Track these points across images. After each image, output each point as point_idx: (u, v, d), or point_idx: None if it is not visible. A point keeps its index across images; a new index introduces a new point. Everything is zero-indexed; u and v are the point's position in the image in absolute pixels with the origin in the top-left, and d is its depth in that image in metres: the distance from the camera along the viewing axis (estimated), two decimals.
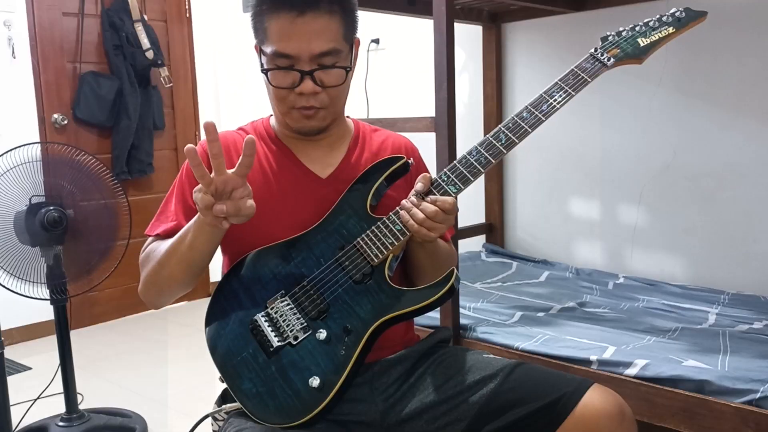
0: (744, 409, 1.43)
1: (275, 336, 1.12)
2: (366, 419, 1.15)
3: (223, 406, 1.17)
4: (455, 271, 1.10)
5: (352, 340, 1.09)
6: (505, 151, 1.12)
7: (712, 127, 2.27)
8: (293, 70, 1.12)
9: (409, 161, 1.19)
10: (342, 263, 1.13)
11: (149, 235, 1.24)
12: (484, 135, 3.20)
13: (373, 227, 1.13)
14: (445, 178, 1.13)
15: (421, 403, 1.15)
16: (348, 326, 1.10)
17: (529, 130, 1.12)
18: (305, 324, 1.11)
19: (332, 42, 1.12)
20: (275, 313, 1.13)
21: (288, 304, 1.12)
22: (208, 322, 1.19)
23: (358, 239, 1.14)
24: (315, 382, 1.08)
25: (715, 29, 2.23)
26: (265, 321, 1.13)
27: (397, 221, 1.12)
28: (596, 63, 1.14)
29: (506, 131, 1.13)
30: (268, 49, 1.12)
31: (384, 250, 1.12)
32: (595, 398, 1.08)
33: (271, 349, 1.11)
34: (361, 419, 1.15)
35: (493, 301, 2.19)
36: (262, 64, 1.16)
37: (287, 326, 1.12)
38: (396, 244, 1.12)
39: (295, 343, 1.11)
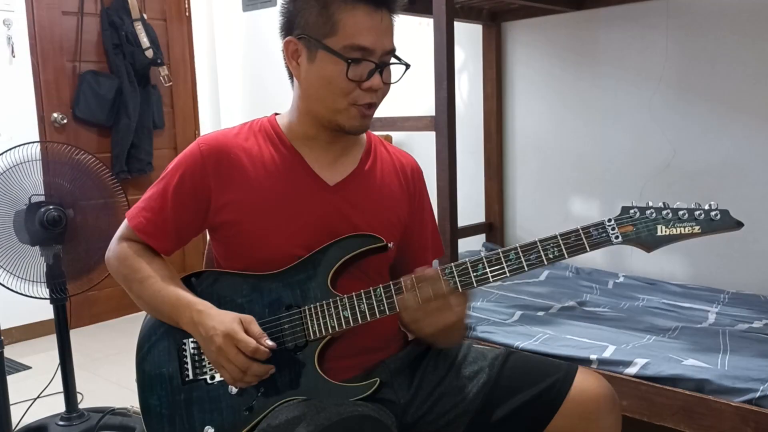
0: (744, 408, 1.43)
1: (193, 368, 1.12)
2: (387, 420, 1.13)
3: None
4: (378, 380, 1.09)
5: (259, 405, 1.09)
6: (475, 285, 1.08)
7: (713, 126, 2.27)
8: (367, 62, 1.11)
9: (389, 245, 1.16)
10: (282, 324, 1.11)
11: (130, 223, 1.19)
12: (484, 134, 3.18)
13: (324, 302, 1.11)
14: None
15: (431, 395, 1.17)
16: (261, 391, 1.09)
17: (508, 275, 1.07)
18: None
19: (394, 42, 1.16)
20: None
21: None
22: (148, 319, 1.20)
23: (306, 307, 1.11)
24: (210, 431, 1.08)
25: (715, 28, 2.22)
26: (192, 349, 1.13)
27: (347, 307, 1.09)
28: (603, 235, 1.06)
29: (486, 263, 1.08)
30: (338, 44, 1.09)
31: (324, 331, 1.10)
32: (584, 382, 1.13)
33: (187, 379, 1.12)
34: (383, 416, 1.14)
35: (493, 300, 2.19)
36: (340, 55, 1.09)
37: (209, 363, 1.12)
38: (337, 330, 1.09)
39: (211, 381, 1.11)
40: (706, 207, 1.05)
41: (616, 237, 1.06)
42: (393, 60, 1.16)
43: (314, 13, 1.11)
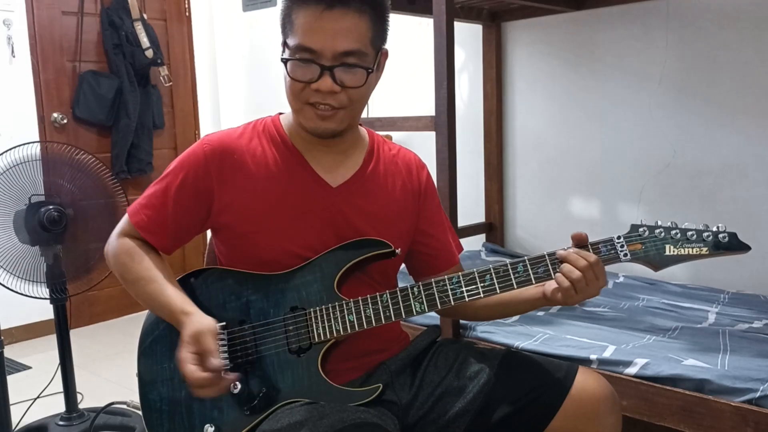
0: (743, 408, 1.43)
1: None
2: (390, 424, 1.13)
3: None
4: (381, 387, 1.09)
5: (259, 406, 1.08)
6: (482, 295, 1.09)
7: (712, 126, 2.27)
8: (314, 64, 1.07)
9: (396, 251, 1.15)
10: (287, 325, 1.11)
11: (131, 219, 1.18)
12: (484, 134, 3.17)
13: (330, 305, 1.11)
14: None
15: (431, 395, 1.16)
16: (263, 392, 1.08)
17: (515, 287, 1.08)
18: (230, 368, 1.10)
19: (357, 43, 1.07)
20: None
21: (223, 340, 1.09)
22: (150, 315, 1.19)
23: (311, 309, 1.11)
24: (210, 430, 1.08)
25: (715, 28, 2.22)
26: None
27: (353, 311, 1.09)
28: (611, 252, 1.07)
29: (494, 274, 1.09)
30: (291, 42, 1.09)
31: (328, 334, 1.09)
32: (584, 382, 1.13)
33: None
34: (385, 421, 1.14)
35: None
36: (283, 56, 1.11)
37: None
38: (342, 334, 1.09)
39: None
40: (715, 229, 1.06)
41: (625, 255, 1.07)
42: (352, 61, 1.07)
43: (284, 14, 1.12)
